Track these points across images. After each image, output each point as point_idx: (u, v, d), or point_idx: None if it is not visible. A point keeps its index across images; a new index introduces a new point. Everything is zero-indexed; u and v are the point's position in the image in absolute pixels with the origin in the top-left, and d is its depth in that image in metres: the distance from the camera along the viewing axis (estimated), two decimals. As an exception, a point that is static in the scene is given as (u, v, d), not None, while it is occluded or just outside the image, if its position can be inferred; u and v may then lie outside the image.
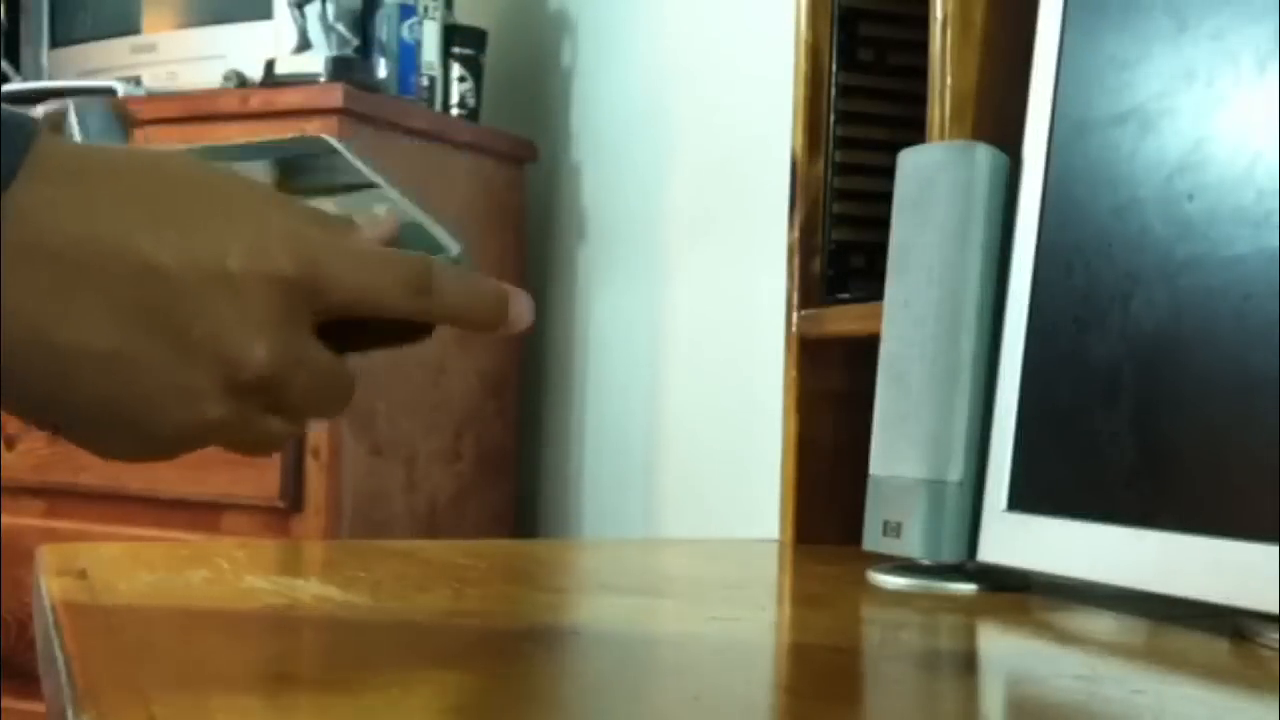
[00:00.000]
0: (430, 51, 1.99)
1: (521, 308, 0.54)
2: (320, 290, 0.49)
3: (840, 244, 1.02)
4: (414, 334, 0.54)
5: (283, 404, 0.50)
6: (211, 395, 0.48)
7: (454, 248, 0.54)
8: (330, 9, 1.85)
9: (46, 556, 0.75)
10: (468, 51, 2.02)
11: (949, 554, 0.78)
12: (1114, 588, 0.67)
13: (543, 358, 2.09)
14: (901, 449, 0.80)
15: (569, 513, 2.03)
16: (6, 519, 1.83)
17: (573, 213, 2.06)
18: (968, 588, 0.78)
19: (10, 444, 1.87)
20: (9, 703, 1.76)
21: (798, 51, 1.05)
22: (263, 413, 0.50)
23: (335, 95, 1.71)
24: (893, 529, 0.80)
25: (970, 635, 0.68)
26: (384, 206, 0.56)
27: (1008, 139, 0.80)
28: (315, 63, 1.79)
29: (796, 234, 1.04)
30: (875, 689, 0.55)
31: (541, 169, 2.09)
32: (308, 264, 0.48)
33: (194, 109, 1.80)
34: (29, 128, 0.45)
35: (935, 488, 0.78)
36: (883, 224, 0.85)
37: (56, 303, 0.45)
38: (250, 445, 0.51)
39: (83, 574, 0.69)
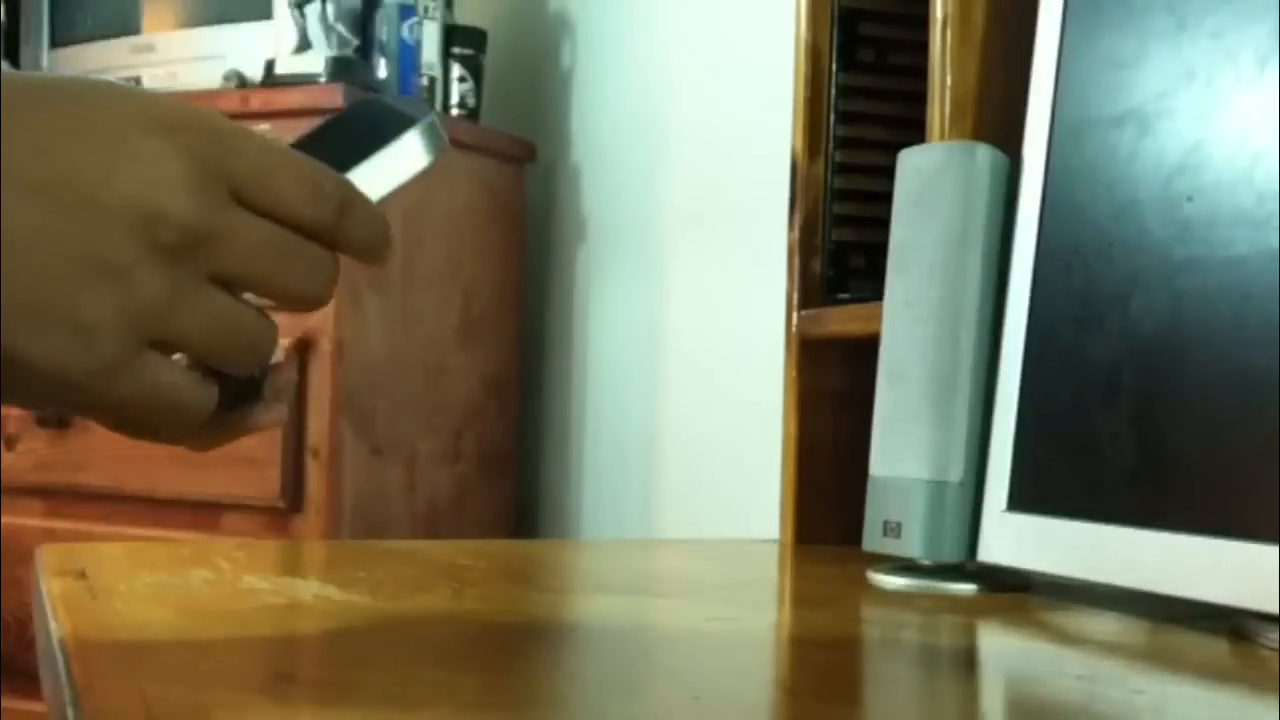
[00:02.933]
0: (430, 52, 1.99)
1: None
2: (229, 153, 0.45)
3: (840, 244, 1.02)
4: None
5: (225, 269, 0.45)
6: (139, 262, 0.43)
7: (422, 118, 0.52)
8: (330, 9, 1.85)
9: (46, 556, 0.75)
10: (468, 52, 2.02)
11: (949, 554, 0.78)
12: (1114, 588, 0.67)
13: (543, 358, 2.09)
14: (901, 449, 0.80)
15: (569, 513, 2.03)
16: (6, 519, 1.83)
17: (572, 213, 2.06)
18: (968, 588, 0.78)
19: (10, 444, 1.87)
20: (9, 703, 1.76)
21: (798, 51, 1.05)
22: (207, 284, 0.44)
23: (335, 95, 1.71)
24: (893, 529, 0.80)
25: (970, 635, 0.68)
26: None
27: (1008, 139, 0.80)
28: (315, 63, 1.79)
29: (796, 234, 1.04)
30: (875, 689, 0.55)
31: (541, 169, 2.09)
32: (210, 126, 0.45)
33: (194, 109, 1.80)
34: None
35: (935, 488, 0.78)
36: (883, 224, 0.85)
37: None
38: (212, 332, 0.45)
39: (83, 574, 0.69)
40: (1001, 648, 0.67)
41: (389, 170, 0.51)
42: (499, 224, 2.01)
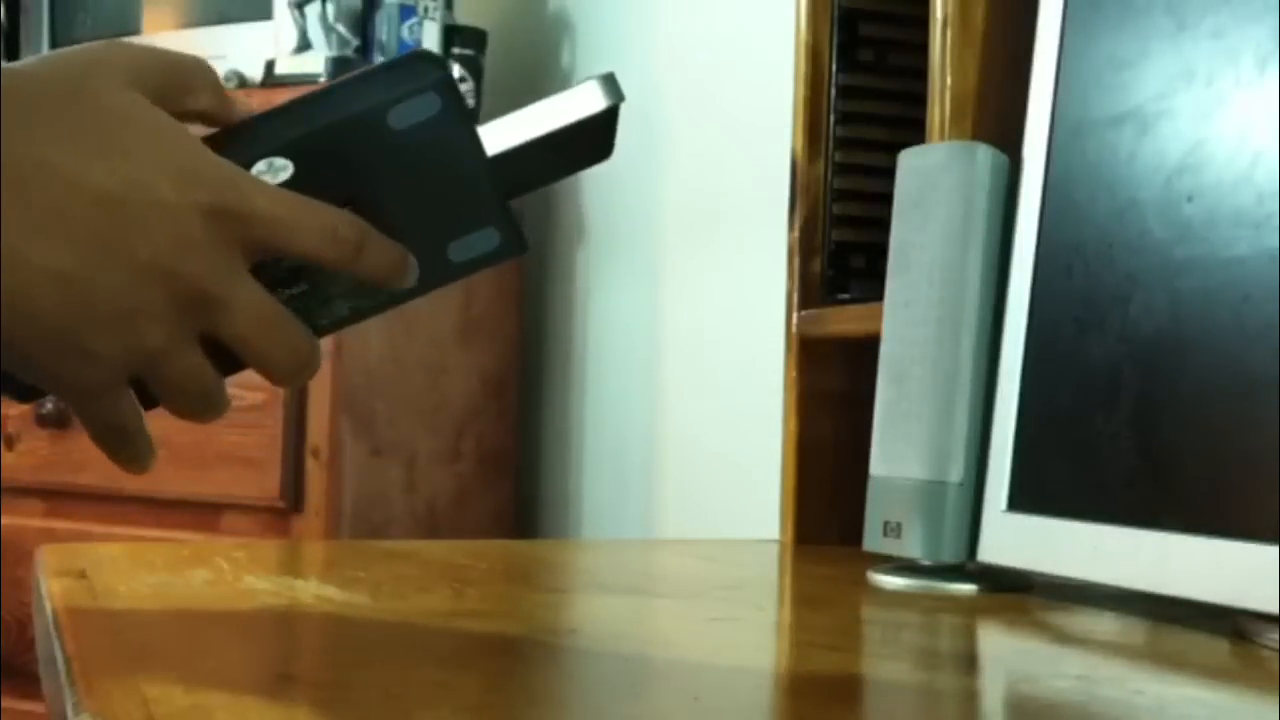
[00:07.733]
0: (430, 52, 1.99)
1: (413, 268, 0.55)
2: (245, 219, 0.51)
3: (840, 244, 1.02)
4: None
5: (216, 331, 0.51)
6: (154, 315, 0.50)
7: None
8: (330, 9, 1.85)
9: (46, 556, 0.75)
10: (468, 52, 2.02)
11: (949, 554, 0.78)
12: (1114, 588, 0.67)
13: (543, 358, 2.09)
14: (901, 449, 0.80)
15: (569, 513, 2.03)
16: (6, 519, 1.83)
17: (572, 213, 2.06)
18: (968, 588, 0.78)
19: (10, 444, 1.87)
20: (9, 703, 1.76)
21: (798, 52, 1.05)
22: (194, 340, 0.51)
23: (335, 95, 1.71)
24: (893, 529, 0.80)
25: (970, 635, 0.68)
26: None
27: (1008, 139, 0.80)
28: (315, 63, 1.79)
29: (796, 234, 1.04)
30: (875, 689, 0.55)
31: (541, 169, 2.08)
32: (232, 192, 0.51)
33: (194, 109, 1.80)
34: None
35: (935, 488, 0.78)
36: (883, 224, 0.85)
37: (23, 226, 0.48)
38: (180, 385, 0.52)
39: (83, 574, 0.69)
40: (1001, 648, 0.67)
41: (559, 108, 0.58)
42: (499, 224, 2.01)
